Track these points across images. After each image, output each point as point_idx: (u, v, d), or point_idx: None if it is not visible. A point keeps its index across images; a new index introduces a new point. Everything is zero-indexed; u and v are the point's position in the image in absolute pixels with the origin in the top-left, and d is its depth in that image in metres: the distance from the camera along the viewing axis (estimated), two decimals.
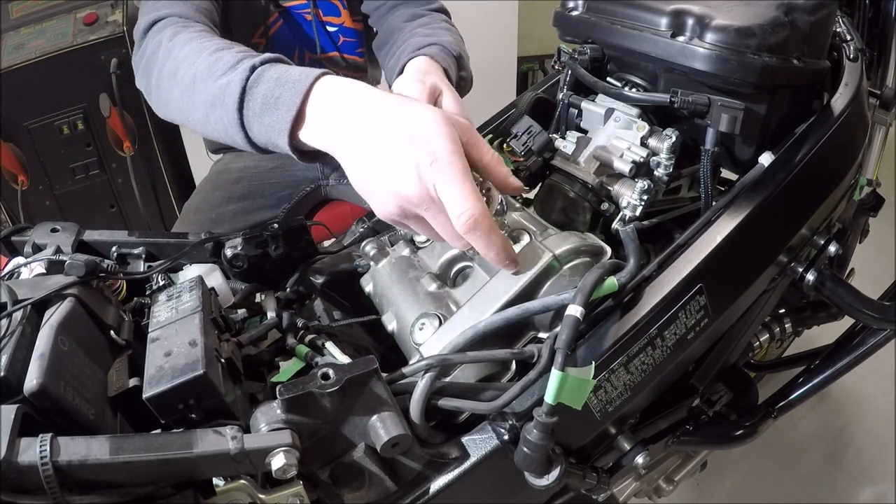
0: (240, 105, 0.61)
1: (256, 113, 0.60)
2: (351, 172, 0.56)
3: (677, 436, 0.76)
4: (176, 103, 0.71)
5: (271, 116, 0.59)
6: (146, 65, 0.78)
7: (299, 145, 0.60)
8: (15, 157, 1.67)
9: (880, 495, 1.40)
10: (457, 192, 0.51)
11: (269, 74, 0.60)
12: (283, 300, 0.71)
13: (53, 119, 1.67)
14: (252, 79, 0.61)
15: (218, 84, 0.63)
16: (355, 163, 0.55)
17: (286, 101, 0.58)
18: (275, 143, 0.60)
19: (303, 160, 0.61)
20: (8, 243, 0.66)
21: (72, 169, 1.75)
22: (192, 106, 0.68)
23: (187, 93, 0.68)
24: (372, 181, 0.54)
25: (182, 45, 0.72)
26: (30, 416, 0.41)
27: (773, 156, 0.65)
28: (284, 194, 1.30)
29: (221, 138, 0.66)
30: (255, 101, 0.60)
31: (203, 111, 0.66)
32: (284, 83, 0.59)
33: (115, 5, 1.71)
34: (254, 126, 0.61)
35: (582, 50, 0.76)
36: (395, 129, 0.53)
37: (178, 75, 0.69)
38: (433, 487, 0.53)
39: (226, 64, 0.64)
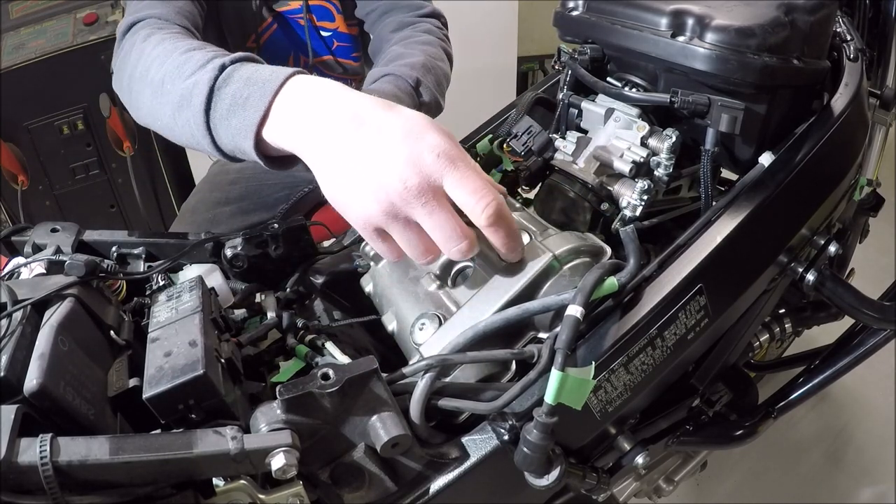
0: (206, 106, 0.57)
1: (224, 115, 0.56)
2: (323, 175, 0.51)
3: (677, 436, 0.76)
4: (146, 106, 0.68)
5: (238, 119, 0.55)
6: (120, 66, 0.76)
7: (266, 150, 0.56)
8: (15, 157, 1.67)
9: (880, 495, 1.40)
10: (477, 181, 0.49)
11: (238, 74, 0.57)
12: (283, 300, 0.71)
13: (53, 119, 1.67)
14: (221, 78, 0.57)
15: (186, 84, 0.60)
16: (328, 162, 0.51)
17: (254, 101, 0.54)
18: (240, 146, 0.56)
19: (271, 167, 0.57)
20: (8, 243, 0.66)
21: (72, 169, 1.76)
22: (160, 108, 0.64)
23: (156, 94, 0.65)
24: (350, 183, 0.50)
25: (154, 46, 0.70)
26: (30, 416, 0.41)
27: (773, 156, 0.65)
28: (282, 195, 1.30)
29: (189, 143, 0.63)
30: (223, 103, 0.56)
31: (170, 113, 0.62)
32: (254, 83, 0.55)
33: (115, 5, 1.72)
34: (220, 129, 0.57)
35: (582, 50, 0.76)
36: (382, 127, 0.49)
37: (148, 76, 0.67)
38: (433, 487, 0.53)
39: (195, 63, 0.61)
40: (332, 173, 0.51)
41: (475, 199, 0.49)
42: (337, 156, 0.50)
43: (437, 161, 0.48)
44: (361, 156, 0.49)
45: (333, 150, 0.50)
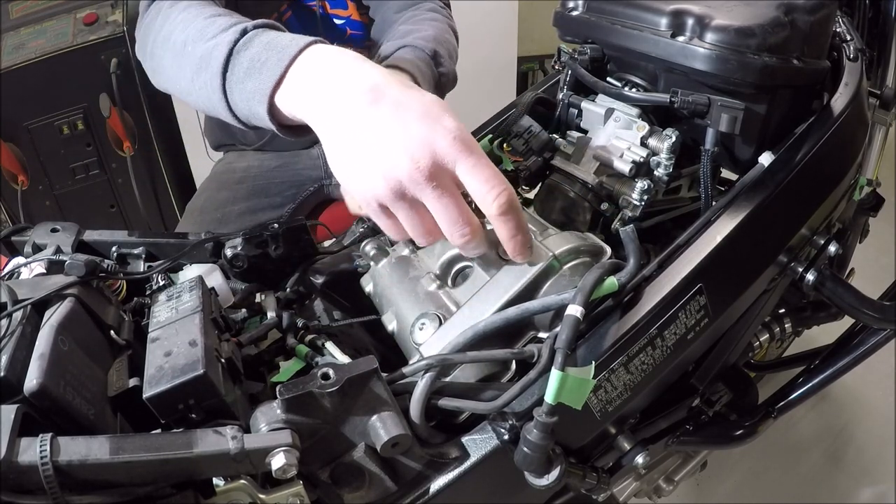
0: (224, 68, 0.57)
1: (240, 78, 0.56)
2: (332, 144, 0.50)
3: (677, 436, 0.76)
4: (167, 70, 0.68)
5: (254, 82, 0.55)
6: (144, 31, 0.76)
7: (279, 116, 0.56)
8: (15, 157, 1.67)
9: (880, 495, 1.40)
10: (490, 170, 0.48)
11: (259, 39, 0.57)
12: (283, 300, 0.71)
13: (53, 119, 1.67)
14: (242, 42, 0.57)
15: (206, 46, 0.60)
16: (339, 134, 0.50)
17: (271, 66, 0.54)
18: (255, 111, 0.56)
19: (285, 134, 0.57)
20: (8, 243, 0.66)
21: (72, 169, 1.75)
22: (180, 71, 0.64)
23: (177, 57, 0.65)
24: (361, 157, 0.49)
25: (179, 11, 0.70)
26: (30, 416, 0.41)
27: (773, 156, 0.65)
28: (289, 194, 1.30)
29: (205, 106, 0.63)
30: (241, 66, 0.56)
31: (189, 76, 0.62)
32: (273, 48, 0.55)
33: (115, 5, 1.72)
34: (235, 92, 0.57)
35: (582, 50, 0.76)
36: (400, 101, 0.49)
37: (171, 40, 0.67)
38: (433, 487, 0.53)
39: (218, 27, 0.61)
40: (342, 146, 0.50)
41: (488, 186, 0.48)
42: (349, 128, 0.49)
43: (452, 144, 0.47)
44: (375, 131, 0.48)
45: (346, 123, 0.49)
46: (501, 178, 0.49)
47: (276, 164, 1.32)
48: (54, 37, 1.65)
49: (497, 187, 0.48)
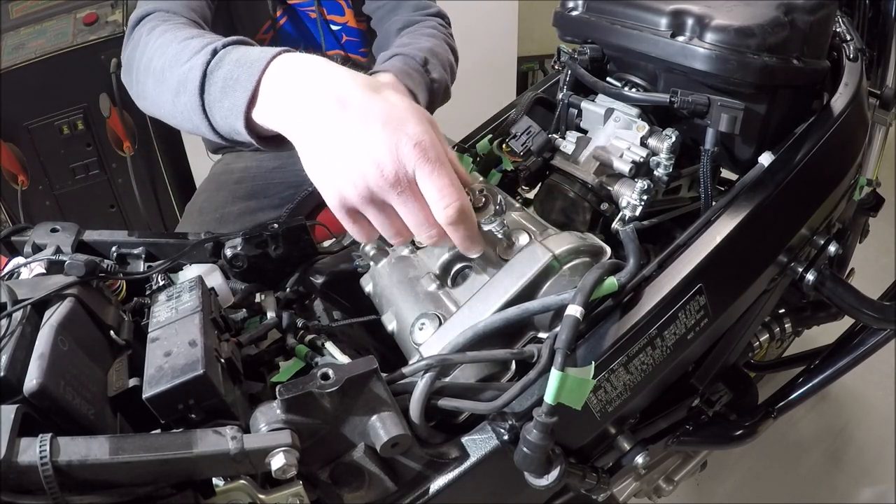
0: (201, 90, 0.59)
1: (217, 97, 0.58)
2: (305, 153, 0.52)
3: (677, 436, 0.76)
4: (150, 95, 0.70)
5: (230, 100, 0.56)
6: (128, 60, 0.78)
7: (257, 130, 0.57)
8: (15, 157, 1.67)
9: (880, 495, 1.40)
10: (444, 180, 0.50)
11: (230, 57, 0.58)
12: (283, 300, 0.71)
13: (53, 119, 1.67)
14: (213, 62, 0.59)
15: (182, 70, 0.62)
16: (311, 142, 0.51)
17: (243, 82, 0.55)
18: (234, 128, 0.57)
19: (264, 147, 0.59)
20: (8, 243, 0.66)
21: (72, 169, 1.75)
22: (161, 96, 0.66)
23: (157, 83, 0.67)
24: (335, 162, 0.50)
25: (157, 37, 0.71)
26: (30, 416, 0.41)
27: (773, 156, 0.65)
28: (288, 194, 1.30)
29: (189, 128, 0.64)
30: (216, 85, 0.58)
31: (170, 100, 0.64)
32: (243, 64, 0.56)
33: (115, 5, 1.72)
34: (214, 111, 0.59)
35: (582, 50, 0.76)
36: (366, 108, 0.50)
37: (151, 66, 0.69)
38: (433, 487, 0.53)
39: (191, 50, 0.62)
40: (313, 153, 0.52)
41: (439, 196, 0.50)
42: (319, 137, 0.51)
43: (412, 151, 0.49)
44: (342, 139, 0.50)
45: (316, 131, 0.51)
46: (454, 188, 0.50)
47: (275, 164, 1.32)
48: (54, 37, 1.65)
49: (447, 198, 0.50)
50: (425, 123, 0.51)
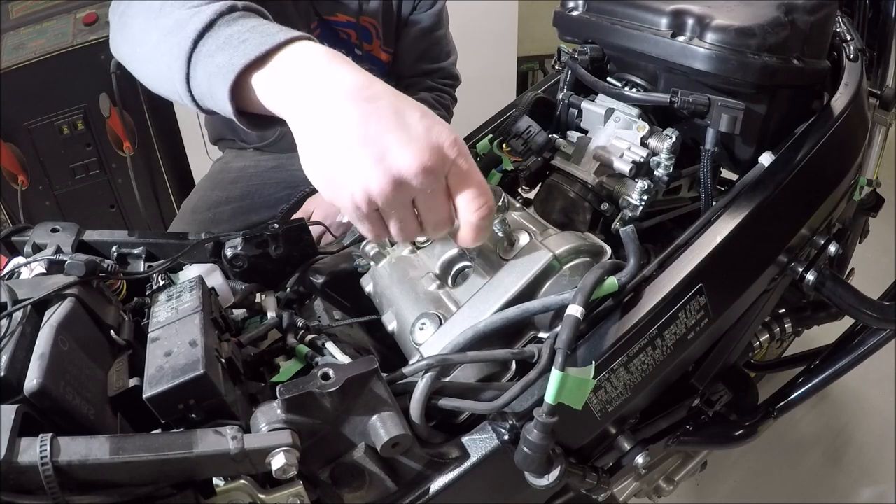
0: (198, 36, 0.53)
1: (210, 51, 0.52)
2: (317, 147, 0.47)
3: (677, 436, 0.76)
4: (132, 31, 0.63)
5: (224, 56, 0.51)
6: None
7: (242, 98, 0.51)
8: (15, 157, 1.67)
9: (880, 495, 1.40)
10: (479, 177, 0.50)
11: (246, 20, 0.54)
12: (283, 300, 0.71)
13: (53, 119, 1.67)
14: (226, 18, 0.54)
15: (186, 13, 0.56)
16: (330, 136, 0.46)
17: (250, 45, 0.50)
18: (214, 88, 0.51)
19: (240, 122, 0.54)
20: (8, 243, 0.66)
21: (72, 169, 1.75)
22: (148, 33, 0.59)
23: (150, 17, 0.60)
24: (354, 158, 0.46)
25: None
26: (30, 416, 0.41)
27: (773, 156, 0.65)
28: (283, 195, 1.30)
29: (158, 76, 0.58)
30: (217, 39, 0.52)
31: (156, 39, 0.58)
32: (258, 32, 0.51)
33: None
34: (199, 65, 0.53)
35: (582, 50, 0.76)
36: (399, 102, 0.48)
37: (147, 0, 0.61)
38: (433, 487, 0.53)
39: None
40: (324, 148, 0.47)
41: (474, 195, 0.50)
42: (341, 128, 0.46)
43: (452, 146, 0.48)
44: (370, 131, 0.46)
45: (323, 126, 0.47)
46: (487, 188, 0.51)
47: (273, 164, 1.33)
48: (54, 37, 1.65)
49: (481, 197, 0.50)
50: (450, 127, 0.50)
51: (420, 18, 1.25)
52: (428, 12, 1.25)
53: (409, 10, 1.25)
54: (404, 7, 1.24)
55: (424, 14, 1.25)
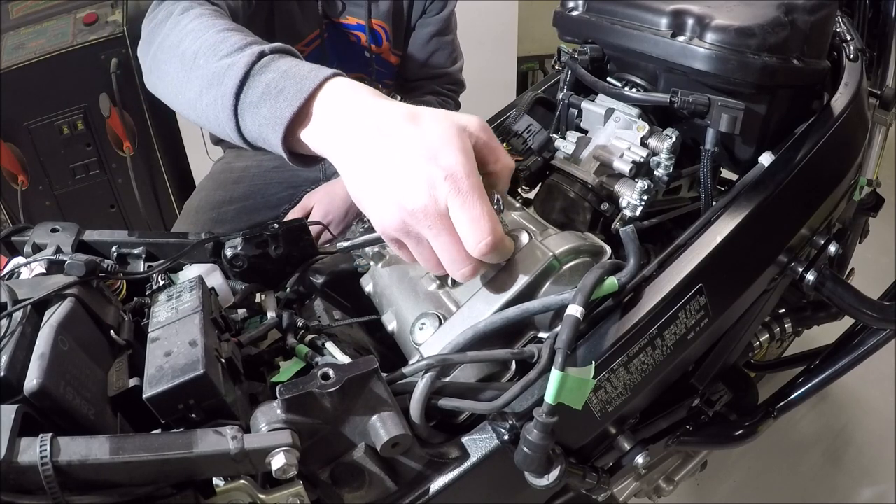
0: (238, 90, 0.57)
1: (254, 102, 0.56)
2: (351, 182, 0.52)
3: (677, 436, 0.76)
4: (170, 78, 0.67)
5: (269, 108, 0.55)
6: (151, 31, 0.75)
7: (293, 146, 0.56)
8: (15, 157, 1.67)
9: (880, 495, 1.40)
10: (473, 214, 0.48)
11: (277, 65, 0.57)
12: (283, 300, 0.71)
13: (53, 119, 1.67)
14: (258, 66, 0.57)
15: (220, 64, 0.59)
16: (356, 172, 0.51)
17: (289, 95, 0.54)
18: (266, 138, 0.56)
19: (294, 163, 0.58)
20: (8, 243, 0.66)
21: (72, 169, 1.75)
22: (187, 83, 0.63)
23: (185, 69, 0.64)
24: (374, 193, 0.51)
25: (191, 19, 0.69)
26: (30, 416, 0.41)
27: (773, 156, 0.65)
28: (286, 195, 1.30)
29: (209, 125, 0.63)
30: (256, 90, 0.56)
31: (197, 90, 0.62)
32: (292, 77, 0.55)
33: (115, 5, 1.71)
34: (247, 116, 0.57)
35: (582, 50, 0.76)
36: (402, 138, 0.50)
37: (179, 48, 0.66)
38: (433, 487, 0.53)
39: (232, 45, 0.60)
40: (357, 181, 0.52)
41: (470, 230, 0.49)
42: (363, 166, 0.51)
43: (443, 185, 0.48)
44: (381, 170, 0.50)
45: (358, 160, 0.51)
46: (487, 221, 0.49)
47: (274, 164, 1.33)
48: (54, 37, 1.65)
49: (479, 232, 0.49)
50: (462, 150, 0.49)
51: (429, 22, 1.26)
52: (437, 16, 1.26)
53: (419, 14, 1.26)
54: (414, 10, 1.25)
55: (434, 18, 1.26)
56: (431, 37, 1.27)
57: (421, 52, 1.29)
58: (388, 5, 1.21)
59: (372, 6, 1.19)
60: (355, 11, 1.20)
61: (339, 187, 1.17)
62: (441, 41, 1.29)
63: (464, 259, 0.51)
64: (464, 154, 0.49)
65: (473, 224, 0.49)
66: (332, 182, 1.21)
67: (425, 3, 1.25)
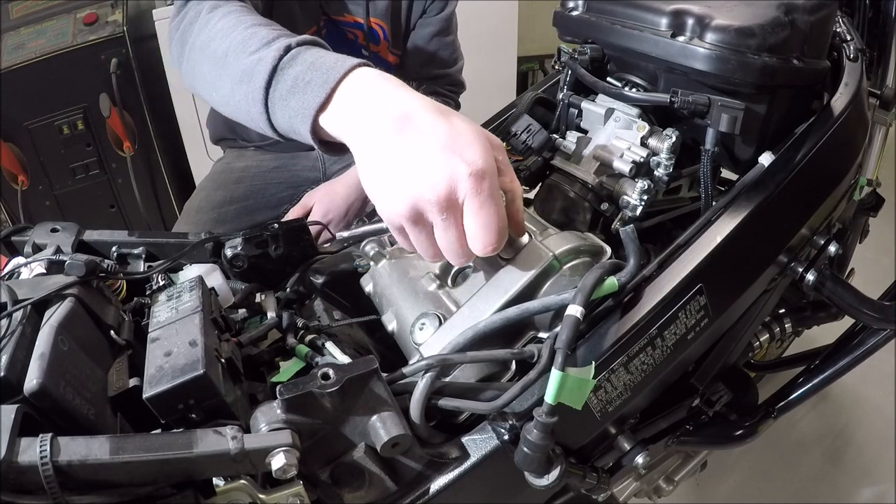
0: (267, 84, 0.58)
1: (283, 95, 0.58)
2: (363, 166, 0.52)
3: (677, 436, 0.76)
4: (205, 77, 0.69)
5: (298, 100, 0.56)
6: (182, 34, 0.76)
7: (321, 134, 0.57)
8: (15, 157, 1.67)
9: (880, 495, 1.40)
10: (488, 217, 0.49)
11: (303, 57, 0.58)
12: (283, 300, 0.71)
13: (53, 119, 1.67)
14: (286, 59, 0.58)
15: (249, 60, 0.61)
16: (373, 157, 0.51)
17: (316, 86, 0.55)
18: (296, 129, 0.58)
19: (324, 151, 0.59)
20: (8, 243, 0.66)
21: (72, 169, 1.76)
22: (219, 81, 0.65)
23: (217, 67, 0.65)
24: (389, 177, 0.51)
25: (220, 18, 0.70)
26: (30, 416, 0.41)
27: (773, 156, 0.65)
28: (286, 195, 1.30)
29: (243, 118, 0.64)
30: (285, 83, 0.57)
31: (229, 87, 0.63)
32: (318, 68, 0.56)
33: (115, 5, 1.72)
34: (277, 109, 0.59)
35: (582, 50, 0.76)
36: (430, 129, 0.50)
37: (210, 48, 0.67)
38: (433, 487, 0.53)
39: (260, 40, 0.61)
40: (370, 167, 0.52)
41: (479, 233, 0.50)
42: (377, 154, 0.51)
43: (466, 179, 0.48)
44: (400, 156, 0.50)
45: (375, 148, 0.51)
46: (496, 228, 0.50)
47: (275, 164, 1.33)
48: (54, 37, 1.65)
49: (486, 237, 0.50)
50: (488, 152, 0.50)
51: (430, 22, 1.26)
52: (438, 16, 1.26)
53: (418, 14, 1.26)
54: (414, 10, 1.25)
55: (434, 18, 1.26)
56: (432, 37, 1.28)
57: (421, 53, 1.29)
58: (387, 4, 1.21)
59: (370, 5, 1.19)
60: (353, 9, 1.20)
61: (339, 187, 1.17)
62: (441, 41, 1.29)
63: (465, 254, 0.52)
64: (488, 154, 0.50)
65: (485, 228, 0.50)
66: (332, 182, 1.21)
67: (425, 3, 1.25)
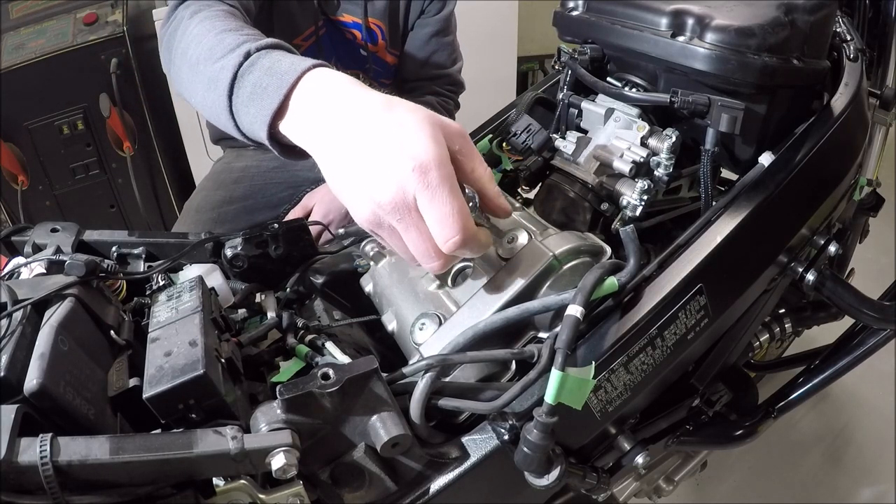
0: (230, 92, 0.59)
1: (244, 102, 0.58)
2: (326, 172, 0.52)
3: (677, 436, 0.76)
4: (184, 83, 0.70)
5: (256, 107, 0.56)
6: (167, 41, 0.77)
7: (280, 139, 0.57)
8: (15, 157, 1.67)
9: (880, 495, 1.40)
10: (442, 210, 0.47)
11: (261, 62, 0.58)
12: (283, 300, 0.71)
13: (53, 119, 1.67)
14: (245, 66, 0.59)
15: (214, 68, 0.61)
16: (331, 163, 0.51)
17: (271, 92, 0.55)
18: (258, 135, 0.58)
19: (285, 157, 0.59)
20: (8, 243, 0.66)
21: (72, 169, 1.76)
22: (194, 87, 0.66)
23: (191, 73, 0.66)
24: (347, 183, 0.50)
25: (196, 24, 0.71)
26: (30, 416, 0.41)
27: (773, 156, 0.65)
28: (286, 195, 1.30)
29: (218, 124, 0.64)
30: (245, 90, 0.58)
31: (202, 93, 0.64)
32: (274, 73, 0.56)
33: (115, 5, 1.72)
34: (241, 116, 0.59)
35: (582, 50, 0.76)
36: (376, 130, 0.48)
37: (187, 55, 0.68)
38: (433, 487, 0.53)
39: (225, 47, 0.62)
40: (332, 172, 0.51)
41: (438, 227, 0.48)
42: (337, 156, 0.51)
43: (410, 176, 0.46)
44: (352, 162, 0.49)
45: (331, 153, 0.51)
46: (456, 217, 0.47)
47: (275, 164, 1.33)
48: (54, 37, 1.65)
49: (447, 230, 0.47)
50: (433, 141, 0.47)
51: (428, 22, 1.26)
52: (436, 17, 1.26)
53: (417, 14, 1.26)
54: (412, 10, 1.25)
55: (433, 18, 1.26)
56: (431, 37, 1.28)
57: (420, 53, 1.29)
58: (385, 4, 1.21)
59: (368, 4, 1.19)
60: (351, 9, 1.20)
61: None
62: (440, 42, 1.29)
63: (435, 254, 0.50)
64: (434, 142, 0.47)
65: (441, 222, 0.47)
66: None
67: (423, 3, 1.25)
